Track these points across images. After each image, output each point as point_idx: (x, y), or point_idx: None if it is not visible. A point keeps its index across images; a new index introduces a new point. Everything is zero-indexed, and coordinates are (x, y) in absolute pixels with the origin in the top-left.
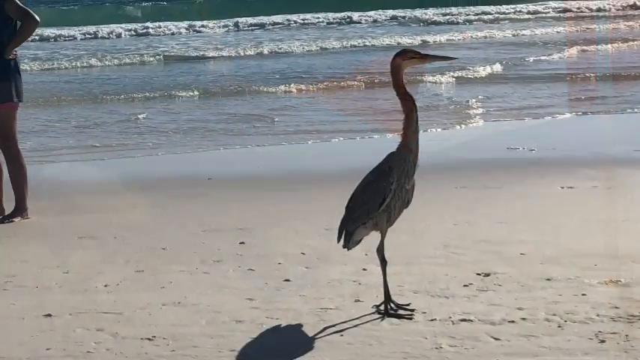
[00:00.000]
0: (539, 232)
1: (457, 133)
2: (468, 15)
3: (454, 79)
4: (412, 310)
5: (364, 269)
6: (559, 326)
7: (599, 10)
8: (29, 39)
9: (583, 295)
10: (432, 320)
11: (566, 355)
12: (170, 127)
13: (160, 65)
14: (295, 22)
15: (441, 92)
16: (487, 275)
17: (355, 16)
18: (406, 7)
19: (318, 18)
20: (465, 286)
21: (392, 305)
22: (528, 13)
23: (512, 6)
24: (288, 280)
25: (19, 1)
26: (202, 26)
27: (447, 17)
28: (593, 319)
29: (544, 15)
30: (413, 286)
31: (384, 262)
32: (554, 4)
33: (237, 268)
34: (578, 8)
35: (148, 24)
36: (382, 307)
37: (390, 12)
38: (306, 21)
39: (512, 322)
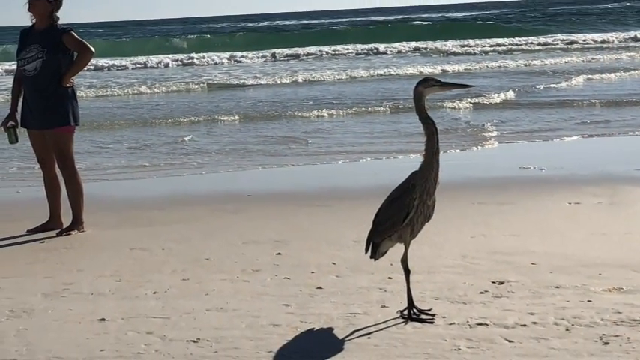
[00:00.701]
0: (549, 244)
1: (474, 154)
2: (483, 47)
3: (471, 104)
4: (433, 315)
5: (390, 277)
6: (567, 329)
7: (603, 42)
8: (85, 68)
9: (589, 301)
10: (451, 324)
11: (573, 356)
12: (213, 148)
13: (204, 92)
14: (327, 53)
15: (460, 117)
16: (501, 283)
17: (381, 47)
18: (427, 39)
19: (348, 49)
20: (481, 292)
21: (415, 310)
22: (539, 44)
23: (524, 38)
24: (320, 288)
25: (76, 34)
26: (242, 57)
27: (465, 48)
28: (597, 323)
29: (553, 46)
30: (434, 293)
31: (407, 271)
32: (562, 37)
33: (274, 277)
34: (584, 40)
35: (193, 55)
36: (406, 312)
37: (413, 44)
38: (336, 52)
39: (524, 325)
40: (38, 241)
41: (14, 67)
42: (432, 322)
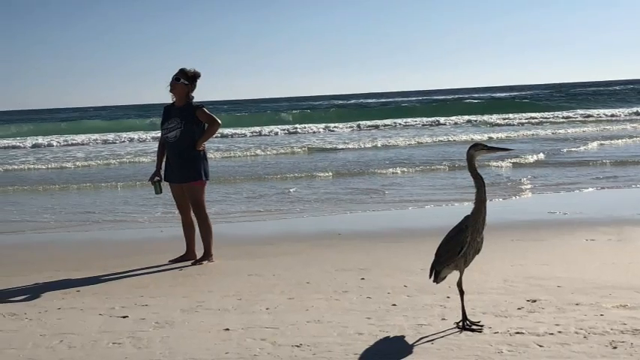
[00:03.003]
0: (571, 271)
1: (513, 202)
2: (520, 119)
3: (511, 164)
4: (482, 326)
5: (448, 297)
6: (584, 337)
7: (612, 115)
8: (214, 136)
9: (601, 315)
10: (495, 333)
11: (590, 357)
12: (312, 197)
13: (305, 154)
14: (400, 124)
15: (502, 173)
16: (534, 301)
17: (441, 119)
18: (477, 114)
19: (416, 121)
20: (518, 308)
21: (467, 322)
22: (562, 117)
23: (552, 113)
24: (395, 305)
25: (207, 109)
26: (335, 127)
27: (506, 120)
28: (608, 332)
29: (574, 119)
30: (482, 309)
31: (462, 292)
32: (581, 112)
33: (359, 297)
34: (598, 114)
35: (297, 125)
36: (461, 324)
37: (466, 117)
38: (407, 123)
39: (552, 334)
40: (177, 269)
41: (159, 134)
42: (480, 332)
